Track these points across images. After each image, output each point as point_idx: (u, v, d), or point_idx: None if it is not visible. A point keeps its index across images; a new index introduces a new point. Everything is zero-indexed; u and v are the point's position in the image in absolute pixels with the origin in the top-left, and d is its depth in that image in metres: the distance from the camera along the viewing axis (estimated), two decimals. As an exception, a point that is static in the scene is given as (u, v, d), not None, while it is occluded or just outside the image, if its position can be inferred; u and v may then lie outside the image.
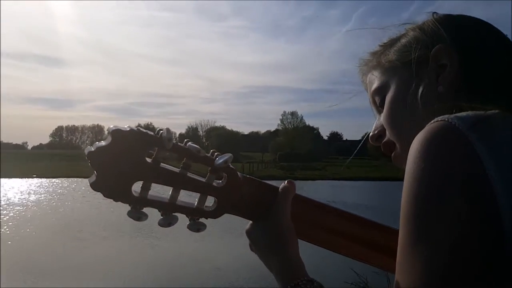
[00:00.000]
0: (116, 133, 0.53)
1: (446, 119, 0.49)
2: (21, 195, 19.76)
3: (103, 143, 0.54)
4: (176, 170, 0.59)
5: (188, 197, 0.62)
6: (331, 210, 0.73)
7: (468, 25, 0.66)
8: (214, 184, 0.61)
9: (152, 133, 0.56)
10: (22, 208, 15.63)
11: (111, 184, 0.55)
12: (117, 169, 0.54)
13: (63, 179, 30.64)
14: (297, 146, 58.98)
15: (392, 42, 0.71)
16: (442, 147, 0.48)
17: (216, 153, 0.61)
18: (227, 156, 0.60)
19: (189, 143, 0.59)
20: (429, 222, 0.46)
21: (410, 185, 0.49)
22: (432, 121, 0.51)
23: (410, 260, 0.47)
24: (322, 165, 46.97)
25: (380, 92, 0.70)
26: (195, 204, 0.61)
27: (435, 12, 0.69)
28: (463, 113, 0.50)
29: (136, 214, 0.57)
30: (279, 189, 0.69)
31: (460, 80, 0.61)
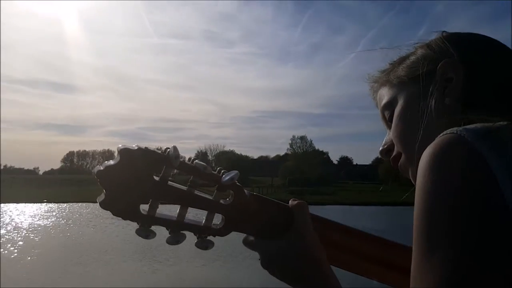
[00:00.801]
0: (125, 152, 0.54)
1: (455, 132, 0.49)
2: (31, 220, 19.83)
3: (112, 162, 0.55)
4: (184, 188, 0.59)
5: (195, 215, 0.63)
6: (344, 228, 0.73)
7: (475, 41, 0.68)
8: (222, 201, 0.62)
9: (159, 151, 0.57)
10: (29, 232, 15.67)
11: (119, 203, 0.55)
12: (125, 188, 0.55)
13: (72, 204, 30.76)
14: (306, 171, 58.62)
15: (401, 60, 0.73)
16: (452, 159, 0.48)
17: (222, 171, 0.61)
18: (233, 173, 0.61)
19: (196, 160, 0.59)
20: (442, 235, 0.45)
21: (421, 199, 0.49)
22: (441, 134, 0.51)
23: (424, 274, 0.46)
24: (332, 189, 46.59)
25: (389, 107, 0.72)
26: (203, 222, 0.62)
27: (444, 31, 0.70)
28: (472, 125, 0.50)
29: (144, 233, 0.57)
30: (294, 206, 0.67)
31: (467, 93, 0.62)
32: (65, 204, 30.43)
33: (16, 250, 11.93)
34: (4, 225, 17.50)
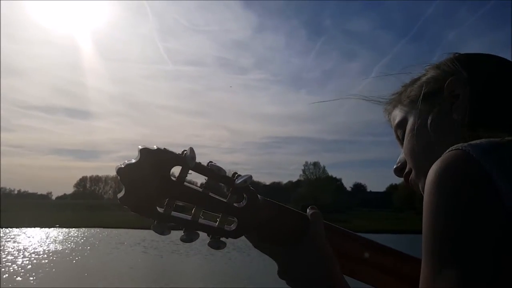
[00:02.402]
0: (144, 151, 0.57)
1: (460, 148, 0.50)
2: (41, 245, 19.87)
3: (132, 160, 0.57)
4: (199, 189, 0.61)
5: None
6: (358, 238, 0.73)
7: (483, 60, 0.70)
8: (235, 204, 0.63)
9: (177, 152, 0.59)
10: (38, 256, 15.70)
11: (137, 200, 0.57)
12: (144, 186, 0.57)
13: (84, 229, 30.80)
14: (320, 197, 57.96)
15: (413, 82, 0.75)
16: (457, 176, 0.48)
17: (236, 174, 0.63)
18: (246, 176, 0.62)
19: (211, 162, 0.62)
20: (449, 253, 0.46)
21: (428, 215, 0.50)
22: (447, 151, 0.52)
23: None
24: (346, 217, 45.99)
25: (402, 126, 0.74)
26: (217, 223, 0.63)
27: (456, 52, 0.72)
28: (477, 141, 0.51)
29: (161, 229, 0.59)
30: (310, 215, 0.68)
31: (474, 109, 0.63)
32: (76, 229, 30.48)
33: (25, 274, 11.92)
34: (15, 250, 17.54)
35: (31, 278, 11.45)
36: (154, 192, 0.58)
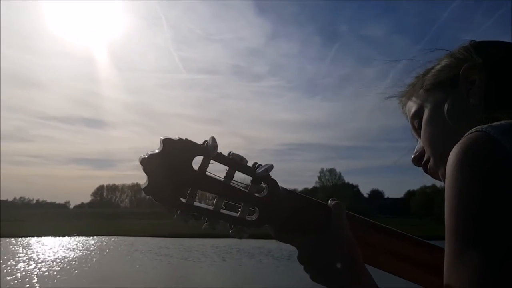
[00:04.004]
0: (167, 142, 0.58)
1: (480, 129, 0.50)
2: (58, 253, 20.13)
3: (155, 150, 0.58)
4: (221, 179, 0.62)
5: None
6: (380, 227, 0.73)
7: (497, 45, 0.70)
8: (256, 194, 0.64)
9: (199, 142, 0.60)
10: (56, 264, 15.91)
11: (160, 190, 0.58)
12: (166, 176, 0.58)
13: (101, 237, 31.11)
14: (335, 204, 57.11)
15: (426, 71, 0.75)
16: (479, 156, 0.49)
17: (257, 164, 0.64)
18: (268, 165, 0.63)
19: (232, 152, 0.62)
20: (473, 233, 0.46)
21: (450, 197, 0.50)
22: (467, 133, 0.52)
23: (457, 274, 0.46)
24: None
25: (417, 115, 0.74)
26: (238, 213, 0.64)
27: (472, 40, 0.73)
28: (497, 123, 0.51)
29: (184, 217, 0.60)
30: (332, 205, 0.68)
31: (490, 93, 0.63)
32: (92, 237, 30.81)
33: (45, 283, 12.07)
34: (34, 259, 17.81)
35: (50, 282, 11.63)
36: (176, 182, 0.59)
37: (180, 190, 0.59)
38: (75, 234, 32.75)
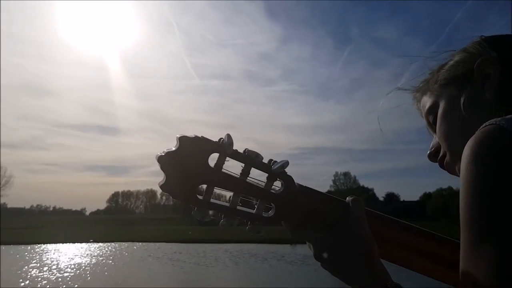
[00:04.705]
0: (183, 139, 0.58)
1: (494, 122, 0.51)
2: (74, 259, 20.36)
3: (172, 148, 0.59)
4: (237, 175, 0.62)
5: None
6: (398, 223, 0.73)
7: (510, 39, 0.69)
8: (272, 191, 0.64)
9: (214, 140, 0.61)
10: (72, 271, 16.09)
11: (178, 186, 0.59)
12: (183, 173, 0.58)
13: (117, 243, 31.37)
14: (350, 208, 56.76)
15: (440, 67, 0.75)
16: (493, 149, 0.49)
17: (273, 161, 0.64)
18: (283, 161, 0.63)
19: (248, 148, 0.63)
20: (488, 226, 0.46)
21: (465, 190, 0.50)
22: (481, 126, 0.52)
23: (473, 267, 0.46)
24: (377, 227, 44.85)
25: (432, 111, 0.74)
26: (255, 209, 0.64)
27: (482, 35, 0.72)
28: (510, 115, 0.51)
29: (201, 214, 0.60)
30: (350, 201, 0.67)
31: (505, 87, 0.63)
32: (108, 244, 31.10)
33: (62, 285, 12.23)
34: (53, 265, 18.05)
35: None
36: (193, 178, 0.59)
37: (196, 187, 0.60)
38: (91, 240, 33.08)
